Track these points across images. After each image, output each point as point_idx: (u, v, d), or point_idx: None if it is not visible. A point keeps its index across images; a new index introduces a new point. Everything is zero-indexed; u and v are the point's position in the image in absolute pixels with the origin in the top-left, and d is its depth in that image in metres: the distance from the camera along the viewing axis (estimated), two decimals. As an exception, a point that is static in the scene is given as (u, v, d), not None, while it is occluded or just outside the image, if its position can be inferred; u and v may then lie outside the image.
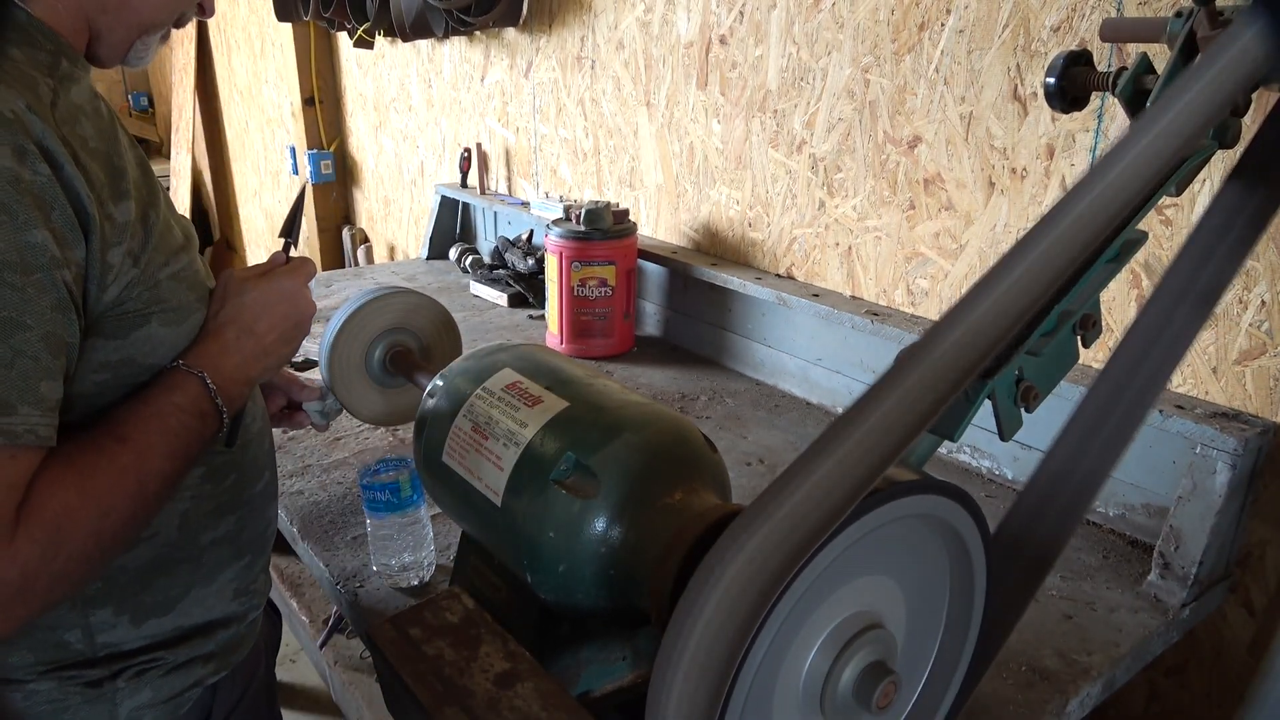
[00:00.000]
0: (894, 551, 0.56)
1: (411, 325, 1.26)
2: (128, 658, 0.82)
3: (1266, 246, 1.04)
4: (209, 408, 0.77)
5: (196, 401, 0.76)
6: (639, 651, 0.85)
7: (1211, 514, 1.02)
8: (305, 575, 1.80)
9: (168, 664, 0.84)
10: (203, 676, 0.87)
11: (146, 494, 0.71)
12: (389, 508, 1.05)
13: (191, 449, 0.76)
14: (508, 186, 2.45)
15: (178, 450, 0.74)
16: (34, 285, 0.63)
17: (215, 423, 0.78)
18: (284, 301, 0.85)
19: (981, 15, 1.26)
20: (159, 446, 0.72)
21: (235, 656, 0.91)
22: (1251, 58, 0.47)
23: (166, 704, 0.84)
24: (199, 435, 0.76)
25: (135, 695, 0.82)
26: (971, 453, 1.37)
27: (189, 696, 0.86)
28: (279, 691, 2.13)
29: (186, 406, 0.75)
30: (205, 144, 4.62)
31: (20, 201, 0.62)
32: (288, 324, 0.86)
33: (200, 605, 0.86)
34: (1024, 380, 0.70)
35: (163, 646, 0.83)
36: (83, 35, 0.75)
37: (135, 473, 0.70)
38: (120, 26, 0.77)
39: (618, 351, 1.82)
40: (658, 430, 0.78)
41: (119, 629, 0.81)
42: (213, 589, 0.87)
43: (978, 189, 1.32)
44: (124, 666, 0.81)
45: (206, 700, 0.88)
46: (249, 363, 0.82)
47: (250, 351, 0.82)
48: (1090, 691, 0.93)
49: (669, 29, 1.77)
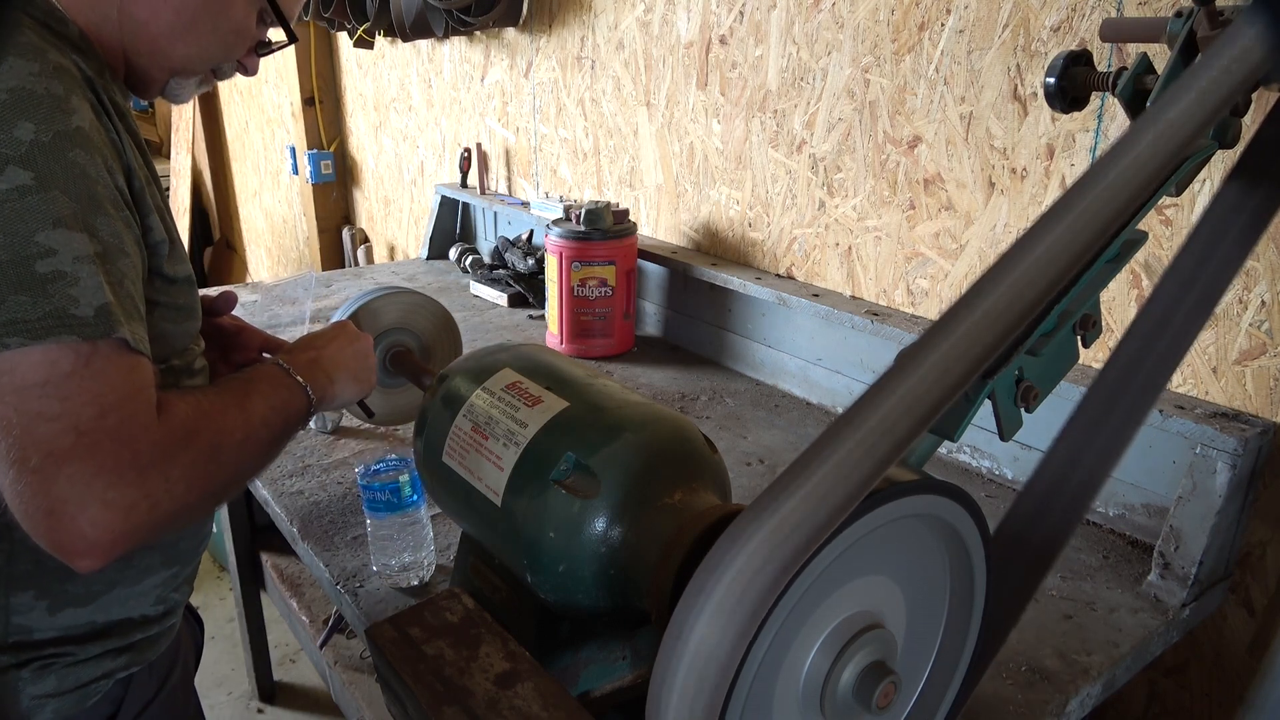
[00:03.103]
0: (894, 551, 0.57)
1: (412, 325, 1.26)
2: (36, 648, 0.82)
3: (1266, 246, 1.04)
4: (290, 381, 0.85)
5: (278, 375, 0.85)
6: (639, 651, 0.85)
7: (1211, 514, 1.02)
8: (305, 575, 1.81)
9: (75, 658, 0.84)
10: (112, 670, 0.87)
11: (253, 425, 0.77)
12: (389, 508, 1.05)
13: (289, 410, 0.84)
14: (508, 186, 2.45)
15: (276, 405, 0.81)
16: (124, 222, 0.71)
17: (301, 394, 0.85)
18: (355, 342, 0.99)
19: (981, 15, 1.26)
20: (256, 395, 0.80)
21: (150, 653, 0.91)
22: (1251, 58, 0.47)
23: (72, 694, 0.84)
24: (290, 400, 0.84)
25: (38, 684, 0.82)
26: (971, 453, 1.37)
27: (97, 688, 0.86)
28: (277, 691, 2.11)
29: (271, 376, 0.85)
30: (205, 144, 4.62)
31: (107, 148, 0.71)
32: (359, 357, 0.98)
33: (120, 604, 0.86)
34: (1024, 380, 0.70)
35: (73, 640, 0.84)
36: (120, 66, 0.83)
37: (239, 409, 0.77)
38: (153, 67, 0.85)
39: (618, 351, 1.82)
40: (658, 430, 0.78)
41: (35, 613, 0.81)
42: (136, 590, 0.87)
43: (978, 189, 1.32)
44: (31, 657, 0.82)
45: (117, 693, 0.88)
46: (321, 360, 0.92)
47: (323, 358, 0.93)
48: (1090, 691, 0.93)
49: (669, 29, 1.77)
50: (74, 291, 0.64)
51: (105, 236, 0.68)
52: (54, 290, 0.64)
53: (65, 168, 0.66)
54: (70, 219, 0.66)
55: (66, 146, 0.67)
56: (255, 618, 2.11)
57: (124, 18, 0.80)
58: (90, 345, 0.65)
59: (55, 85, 0.68)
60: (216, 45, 0.86)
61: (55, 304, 0.63)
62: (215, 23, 0.84)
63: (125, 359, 0.67)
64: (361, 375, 0.97)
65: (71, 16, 0.77)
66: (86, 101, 0.71)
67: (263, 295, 2.20)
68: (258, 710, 2.23)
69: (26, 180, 0.64)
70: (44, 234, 0.64)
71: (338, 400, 0.94)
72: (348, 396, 0.96)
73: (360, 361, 0.97)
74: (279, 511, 1.25)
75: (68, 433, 0.62)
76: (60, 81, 0.69)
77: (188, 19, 0.82)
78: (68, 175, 0.66)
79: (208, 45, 0.86)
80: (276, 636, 2.31)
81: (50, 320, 0.63)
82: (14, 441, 0.62)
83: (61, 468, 0.62)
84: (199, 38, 0.84)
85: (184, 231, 4.54)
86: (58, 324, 0.63)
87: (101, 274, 0.66)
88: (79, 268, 0.65)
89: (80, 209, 0.66)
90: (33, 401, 0.62)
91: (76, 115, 0.69)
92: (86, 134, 0.69)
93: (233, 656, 2.36)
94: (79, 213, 0.66)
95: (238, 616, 2.14)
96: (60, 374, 0.63)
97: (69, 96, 0.69)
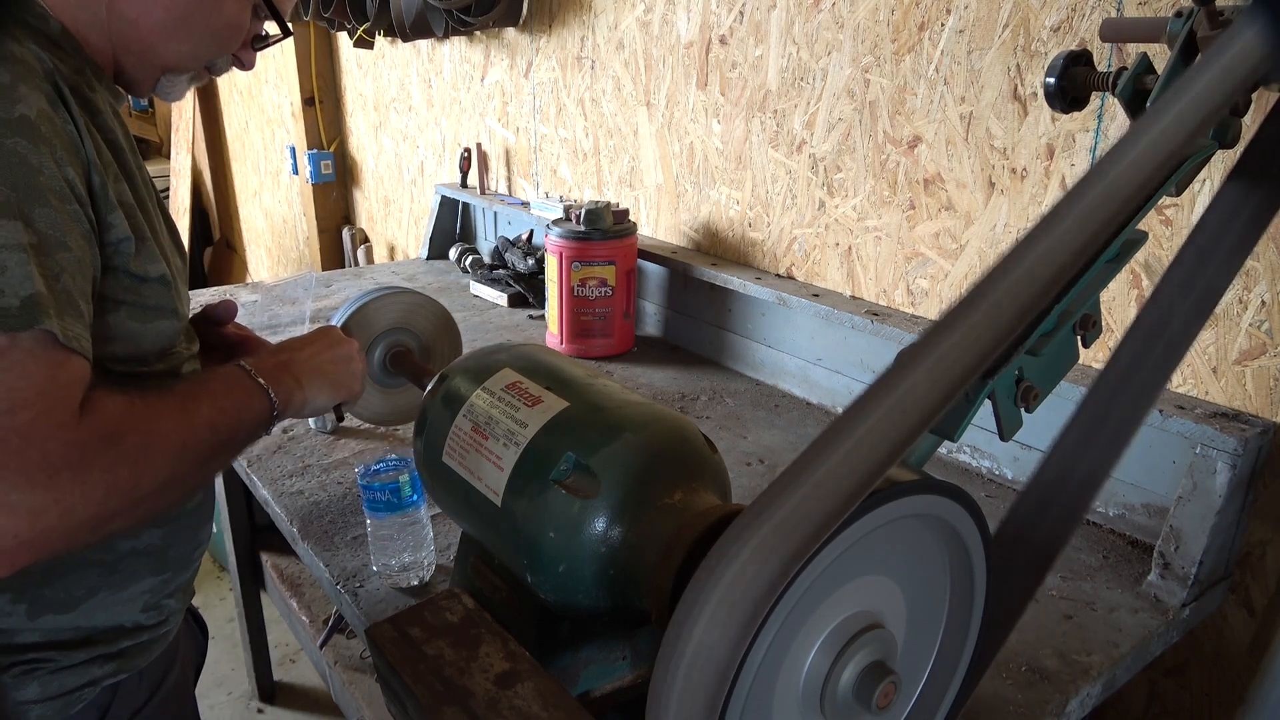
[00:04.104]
0: (894, 551, 0.56)
1: (412, 325, 1.26)
2: (18, 651, 0.80)
3: (1266, 246, 1.04)
4: (250, 384, 0.82)
5: (237, 377, 0.82)
6: (639, 651, 0.85)
7: (1211, 514, 1.02)
8: (305, 575, 1.81)
9: (58, 664, 0.82)
10: (99, 677, 0.85)
11: (195, 429, 0.74)
12: (389, 508, 1.05)
13: (243, 414, 0.80)
14: (508, 186, 2.45)
15: (226, 408, 0.78)
16: (70, 215, 0.69)
17: (262, 398, 0.82)
18: (336, 346, 0.96)
19: (981, 15, 1.26)
20: (204, 397, 0.77)
21: (140, 660, 0.89)
22: (1251, 58, 0.47)
23: (56, 700, 0.82)
24: (246, 404, 0.81)
25: (21, 689, 0.80)
26: (971, 453, 1.37)
27: (82, 695, 0.84)
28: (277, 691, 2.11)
29: (227, 377, 0.81)
30: (205, 144, 4.61)
31: (58, 139, 0.69)
32: (338, 362, 0.95)
33: (105, 610, 0.84)
34: (1024, 380, 0.70)
35: (56, 647, 0.82)
36: (109, 64, 0.82)
37: (180, 410, 0.73)
38: (144, 65, 0.84)
39: (618, 351, 1.82)
40: (658, 430, 0.78)
41: (13, 617, 0.79)
42: (122, 596, 0.85)
43: (978, 189, 1.32)
44: (12, 662, 0.80)
45: (104, 700, 0.86)
46: (291, 364, 0.89)
47: (295, 361, 0.90)
48: (1090, 691, 0.93)
49: (669, 29, 1.77)
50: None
51: (43, 227, 0.66)
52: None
53: (2, 155, 0.65)
54: (2, 206, 0.64)
55: (5, 134, 0.65)
56: (255, 618, 2.11)
57: (113, 16, 0.79)
58: (8, 337, 0.62)
59: (2, 74, 0.67)
60: (209, 41, 0.85)
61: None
62: (208, 19, 0.83)
63: (49, 354, 0.64)
64: (340, 380, 0.94)
65: (57, 14, 0.75)
66: (40, 92, 0.68)
67: (263, 295, 2.20)
68: (258, 710, 2.23)
69: None
70: None
71: (310, 406, 0.91)
72: (321, 402, 0.92)
73: (340, 367, 0.94)
74: (279, 511, 1.25)
75: None
76: (8, 70, 0.67)
77: (179, 16, 0.81)
78: (4, 163, 0.65)
79: (200, 42, 0.84)
80: (276, 636, 2.31)
81: None
82: None
83: None
84: (191, 34, 0.83)
85: (184, 232, 4.54)
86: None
87: (34, 264, 0.64)
88: (7, 256, 0.63)
89: (16, 196, 0.64)
90: None
91: (22, 104, 0.67)
92: (32, 123, 0.67)
93: (233, 656, 2.36)
94: (13, 200, 0.64)
95: (238, 616, 2.14)
96: None
97: (16, 85, 0.67)
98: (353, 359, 0.97)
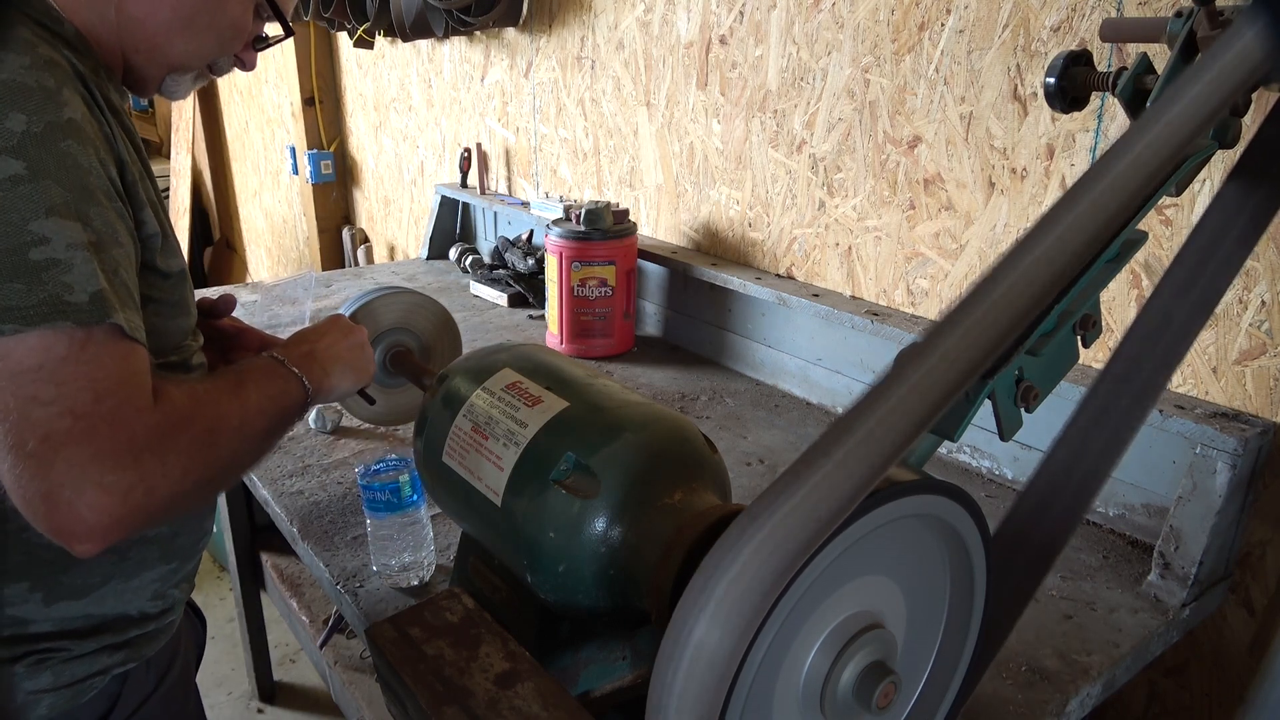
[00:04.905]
0: (894, 551, 0.56)
1: (412, 325, 1.26)
2: (32, 641, 0.82)
3: (1266, 246, 1.04)
4: (286, 372, 0.85)
5: (273, 366, 0.85)
6: (639, 651, 0.85)
7: (1211, 514, 1.02)
8: (305, 575, 1.81)
9: (71, 654, 0.84)
10: (109, 666, 0.87)
11: (249, 414, 0.77)
12: (389, 508, 1.05)
13: (283, 400, 0.83)
14: (508, 186, 2.45)
15: (272, 394, 0.82)
16: (116, 213, 0.71)
17: (298, 385, 0.85)
18: (349, 334, 0.98)
19: (981, 15, 1.26)
20: (250, 385, 0.80)
21: (147, 650, 0.91)
22: (1251, 58, 0.47)
23: (68, 689, 0.84)
24: (285, 390, 0.84)
25: (34, 678, 0.82)
26: (971, 453, 1.37)
27: (93, 684, 0.86)
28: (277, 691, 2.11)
29: (266, 367, 0.84)
30: (205, 144, 4.62)
31: (99, 140, 0.72)
32: (354, 349, 0.97)
33: (116, 598, 0.86)
34: (1024, 380, 0.70)
35: (69, 635, 0.84)
36: (118, 64, 0.84)
37: (235, 397, 0.77)
38: (151, 64, 0.85)
39: (618, 351, 1.82)
40: (658, 430, 0.78)
41: (30, 605, 0.81)
42: (131, 585, 0.87)
43: (978, 189, 1.32)
44: (27, 651, 0.82)
45: (113, 689, 0.88)
46: (315, 353, 0.91)
47: (318, 350, 0.92)
48: (1090, 691, 0.93)
49: (669, 29, 1.77)
50: (68, 278, 0.65)
51: (98, 225, 0.69)
52: (48, 277, 0.64)
53: (57, 158, 0.67)
54: (63, 208, 0.66)
55: (58, 137, 0.67)
56: (255, 618, 2.11)
57: (121, 16, 0.81)
58: (85, 331, 0.65)
59: (47, 78, 0.69)
60: (214, 41, 0.87)
61: (50, 291, 0.64)
62: (212, 18, 0.84)
63: (119, 345, 0.67)
64: (358, 366, 0.97)
65: (68, 16, 0.77)
66: (78, 95, 0.71)
67: (263, 295, 2.20)
68: (258, 710, 2.23)
69: (19, 170, 0.65)
70: (37, 222, 0.65)
71: (335, 392, 0.94)
72: (345, 387, 0.96)
73: (356, 353, 0.97)
74: (279, 511, 1.25)
75: (64, 417, 0.63)
76: (52, 75, 0.69)
77: (185, 15, 0.83)
78: (60, 165, 0.67)
79: (205, 41, 0.86)
80: (276, 636, 2.31)
81: (45, 307, 0.64)
82: (10, 427, 0.62)
83: (58, 452, 0.62)
84: (196, 34, 0.85)
85: (184, 231, 4.54)
86: (52, 310, 0.64)
87: (95, 261, 0.67)
88: (72, 255, 0.66)
89: (73, 198, 0.67)
90: (28, 387, 0.63)
91: (68, 107, 0.69)
92: (78, 125, 0.69)
93: (233, 656, 2.36)
94: (71, 201, 0.67)
95: (238, 616, 2.14)
96: (55, 359, 0.64)
97: (60, 89, 0.69)
98: (365, 345, 1.00)
